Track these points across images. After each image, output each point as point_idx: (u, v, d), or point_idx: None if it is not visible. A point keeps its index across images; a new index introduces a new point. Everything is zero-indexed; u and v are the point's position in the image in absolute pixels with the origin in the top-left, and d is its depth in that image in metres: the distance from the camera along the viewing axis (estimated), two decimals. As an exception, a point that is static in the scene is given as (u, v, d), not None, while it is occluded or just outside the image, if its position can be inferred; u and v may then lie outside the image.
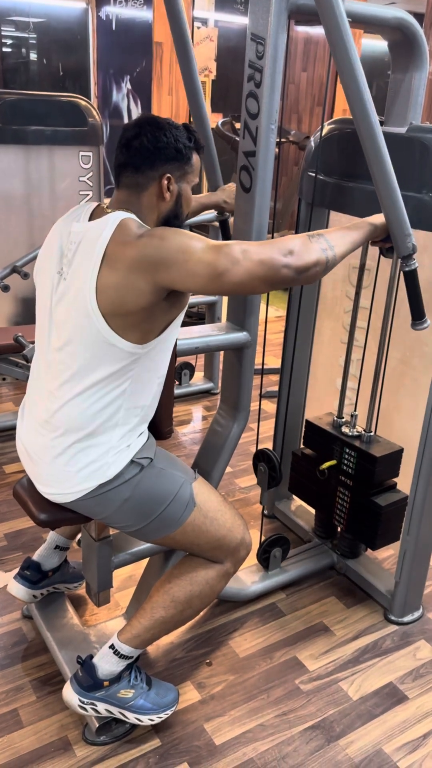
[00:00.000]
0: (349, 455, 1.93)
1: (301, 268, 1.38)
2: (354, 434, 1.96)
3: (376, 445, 1.91)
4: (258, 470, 2.16)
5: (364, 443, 1.92)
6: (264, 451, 2.13)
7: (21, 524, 2.40)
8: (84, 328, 1.37)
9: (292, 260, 1.36)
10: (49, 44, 5.14)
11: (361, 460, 1.90)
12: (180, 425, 3.23)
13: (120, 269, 1.33)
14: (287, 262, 1.36)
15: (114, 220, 1.38)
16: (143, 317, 1.36)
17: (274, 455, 2.11)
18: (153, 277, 1.32)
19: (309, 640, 1.96)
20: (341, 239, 1.47)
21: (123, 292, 1.33)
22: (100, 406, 1.42)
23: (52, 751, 1.60)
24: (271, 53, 1.53)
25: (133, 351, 1.39)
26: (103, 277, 1.34)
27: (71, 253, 1.41)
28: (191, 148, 1.47)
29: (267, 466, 2.13)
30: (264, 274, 1.35)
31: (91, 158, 3.61)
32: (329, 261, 1.42)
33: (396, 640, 1.98)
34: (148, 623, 1.57)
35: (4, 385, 3.46)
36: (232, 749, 1.62)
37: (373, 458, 1.86)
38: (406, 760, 1.62)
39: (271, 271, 1.35)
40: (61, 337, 1.42)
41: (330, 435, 1.99)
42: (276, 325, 4.31)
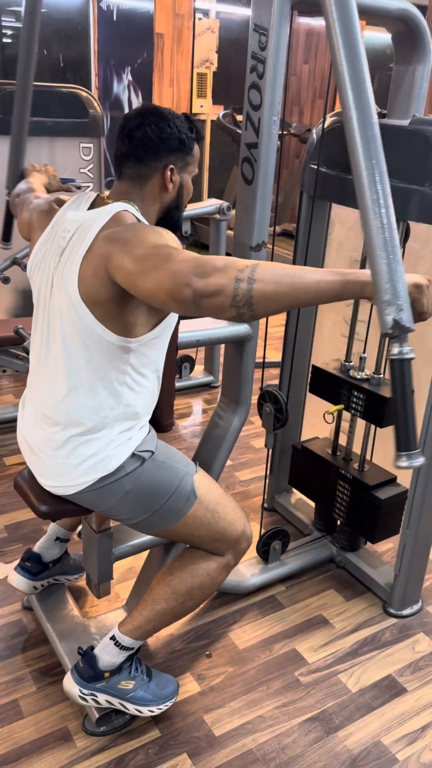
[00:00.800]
0: (357, 398, 1.90)
1: (200, 292, 1.14)
2: (362, 377, 1.93)
3: (384, 387, 1.89)
4: (263, 411, 2.06)
5: (372, 385, 1.90)
6: (270, 391, 2.04)
7: (21, 516, 2.40)
8: (73, 318, 1.36)
9: (196, 281, 1.13)
10: (49, 35, 5.11)
11: (369, 402, 1.87)
12: (180, 418, 3.23)
13: (94, 259, 1.32)
14: (191, 281, 1.14)
15: (109, 211, 1.37)
16: (118, 309, 1.34)
17: (281, 395, 2.01)
18: (106, 265, 1.29)
19: (308, 633, 1.96)
20: (280, 276, 1.14)
21: (94, 281, 1.32)
22: (100, 399, 1.41)
23: (52, 741, 1.60)
24: (274, 44, 1.52)
25: (123, 344, 1.37)
26: (84, 266, 1.33)
27: (65, 242, 1.41)
28: (193, 139, 1.46)
29: (273, 407, 2.03)
30: (168, 287, 1.16)
31: (92, 150, 3.60)
32: (238, 294, 1.13)
33: (395, 633, 1.99)
34: (149, 615, 1.57)
35: (4, 377, 3.46)
36: (231, 740, 1.63)
37: (382, 399, 1.84)
38: (404, 752, 1.63)
39: (175, 287, 1.15)
40: (56, 328, 1.41)
41: (338, 378, 1.95)
42: (277, 318, 4.31)
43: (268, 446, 2.10)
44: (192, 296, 1.14)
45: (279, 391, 2.04)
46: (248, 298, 1.14)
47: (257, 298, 1.14)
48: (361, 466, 2.04)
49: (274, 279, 1.14)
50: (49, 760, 1.56)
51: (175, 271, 1.16)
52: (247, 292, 1.13)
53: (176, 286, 1.15)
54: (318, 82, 6.50)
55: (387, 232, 1.11)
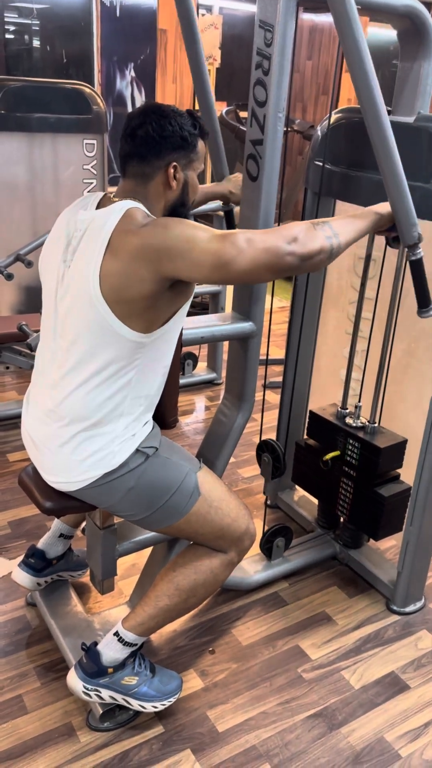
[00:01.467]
0: (352, 446, 1.93)
1: (305, 256, 1.36)
2: (358, 425, 1.96)
3: (379, 436, 1.91)
4: (262, 461, 2.17)
5: (367, 434, 1.92)
6: (268, 442, 2.13)
7: (25, 512, 2.40)
8: (89, 316, 1.36)
9: (296, 247, 1.34)
10: (52, 31, 5.09)
11: (364, 452, 1.90)
12: (183, 415, 3.23)
13: (123, 257, 1.33)
14: (291, 249, 1.34)
15: (120, 208, 1.38)
16: (146, 306, 1.36)
17: (278, 446, 2.11)
18: (156, 267, 1.32)
19: (311, 629, 1.97)
20: (346, 227, 1.45)
21: (125, 280, 1.33)
22: (106, 395, 1.42)
23: (56, 736, 1.61)
24: (279, 40, 1.52)
25: (138, 340, 1.38)
26: (106, 264, 1.34)
27: (76, 241, 1.41)
28: (196, 136, 1.46)
29: (271, 457, 2.13)
30: (268, 261, 1.34)
31: (95, 146, 3.59)
32: (333, 249, 1.41)
33: (398, 629, 1.99)
34: (153, 611, 1.57)
35: (8, 373, 3.46)
36: (234, 736, 1.64)
37: (377, 449, 1.86)
38: (407, 749, 1.63)
39: (276, 259, 1.34)
40: (66, 325, 1.42)
41: (334, 426, 1.99)
42: (280, 315, 4.31)
43: (267, 494, 2.19)
44: (297, 261, 1.36)
45: (276, 442, 2.12)
46: (338, 249, 1.43)
47: (343, 247, 1.44)
48: (365, 464, 2.04)
49: (346, 230, 1.45)
50: (53, 755, 1.56)
51: (267, 247, 1.33)
52: (338, 246, 1.42)
53: (276, 258, 1.34)
54: (321, 79, 6.48)
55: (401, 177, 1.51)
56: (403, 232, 1.58)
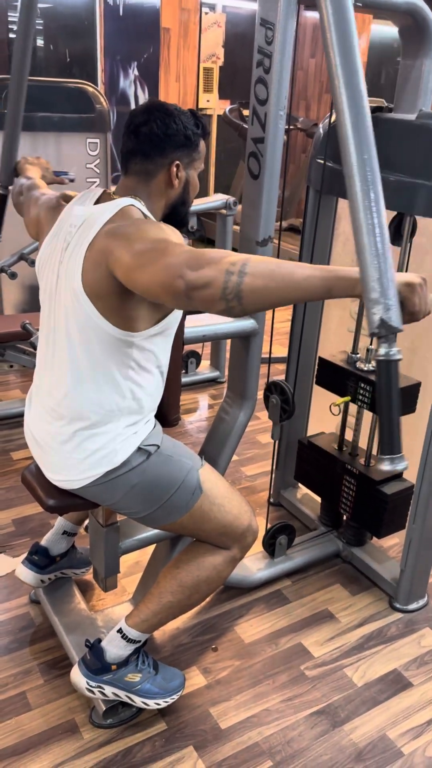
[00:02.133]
0: (364, 390, 1.88)
1: (191, 284, 1.14)
2: (369, 369, 1.92)
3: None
4: (269, 402, 2.05)
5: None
6: (276, 382, 2.04)
7: (29, 510, 2.41)
8: (77, 312, 1.37)
9: (189, 272, 1.14)
10: (56, 30, 5.10)
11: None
12: (186, 413, 3.24)
13: (96, 250, 1.32)
14: (183, 272, 1.15)
15: (116, 205, 1.37)
16: (120, 303, 1.34)
17: (287, 387, 2.01)
18: (107, 259, 1.30)
19: (314, 627, 1.97)
20: (270, 271, 1.14)
21: (96, 275, 1.32)
22: (104, 393, 1.42)
23: (60, 733, 1.62)
24: (280, 38, 1.52)
25: (124, 338, 1.37)
26: (86, 259, 1.34)
27: (71, 237, 1.41)
28: (199, 135, 1.46)
29: (280, 398, 2.02)
30: (162, 280, 1.17)
31: (99, 145, 3.60)
32: (228, 287, 1.13)
33: (401, 627, 1.99)
34: (156, 608, 1.58)
35: (12, 372, 3.47)
36: (237, 733, 1.64)
37: None
38: (409, 746, 1.63)
39: (168, 279, 1.16)
40: (61, 323, 1.42)
41: (344, 370, 1.93)
42: (283, 313, 4.30)
43: (275, 438, 2.10)
44: (184, 288, 1.15)
45: (285, 383, 2.04)
46: (237, 291, 1.14)
47: (246, 291, 1.13)
48: (367, 461, 2.04)
49: (264, 273, 1.14)
50: (56, 751, 1.57)
51: (169, 264, 1.16)
52: (236, 285, 1.13)
53: (169, 278, 1.16)
54: (325, 77, 6.47)
55: (378, 230, 1.10)
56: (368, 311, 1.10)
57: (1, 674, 1.76)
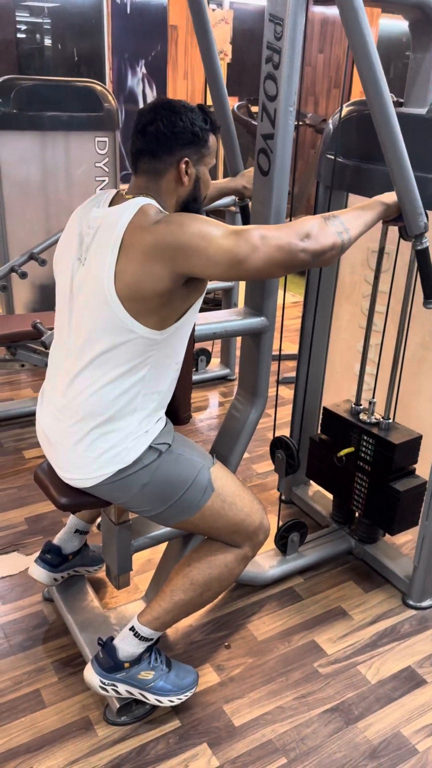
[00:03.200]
0: (367, 443, 1.92)
1: (317, 252, 1.40)
2: (372, 421, 1.95)
3: (394, 432, 1.90)
4: (275, 457, 2.16)
5: (382, 430, 1.91)
6: (281, 438, 2.13)
7: (41, 508, 2.42)
8: (103, 314, 1.37)
9: (309, 244, 1.38)
10: (63, 29, 5.11)
11: (379, 448, 1.89)
12: (197, 411, 3.24)
13: (137, 255, 1.33)
14: (304, 246, 1.38)
15: (134, 205, 1.38)
16: (161, 303, 1.36)
17: (292, 442, 2.11)
18: (171, 264, 1.32)
19: (327, 624, 1.97)
20: (355, 220, 1.48)
21: (140, 278, 1.33)
22: (119, 391, 1.42)
23: (74, 730, 1.62)
24: (289, 34, 1.51)
25: (152, 336, 1.39)
26: (121, 262, 1.34)
27: (90, 238, 1.42)
28: (207, 131, 1.45)
29: (285, 453, 2.13)
30: (282, 259, 1.37)
31: (107, 144, 3.60)
32: (344, 243, 1.44)
33: (414, 624, 1.98)
34: (168, 606, 1.58)
35: (23, 371, 3.48)
36: (251, 730, 1.64)
37: (391, 446, 1.85)
38: (424, 743, 1.63)
39: (289, 256, 1.37)
40: (80, 323, 1.43)
41: (348, 422, 1.99)
42: (293, 310, 4.29)
43: (281, 491, 2.18)
44: (310, 258, 1.39)
45: (290, 439, 2.11)
46: (349, 243, 1.46)
47: (353, 240, 1.47)
48: (379, 458, 2.04)
49: (355, 224, 1.47)
50: (71, 748, 1.58)
51: (280, 245, 1.36)
52: (349, 240, 1.45)
53: (290, 255, 1.37)
54: (333, 72, 6.44)
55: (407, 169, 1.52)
56: (409, 222, 1.60)
57: (16, 672, 1.77)
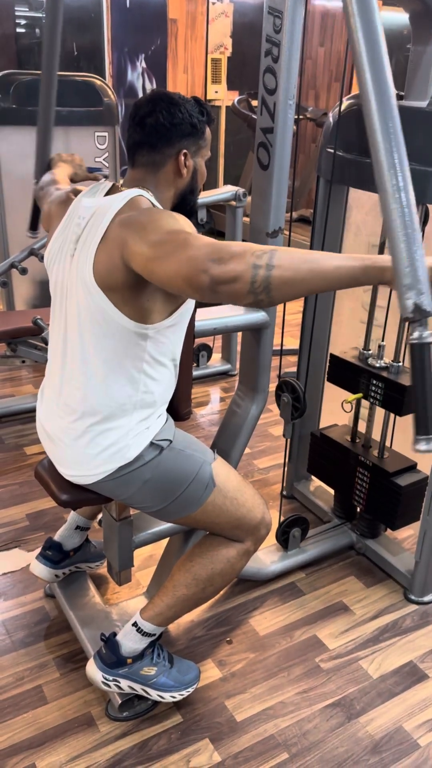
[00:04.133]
0: (376, 387, 1.87)
1: (216, 278, 1.13)
2: (381, 365, 1.91)
3: (404, 375, 1.87)
4: (281, 401, 2.06)
5: (392, 374, 1.87)
6: (287, 381, 2.04)
7: (42, 505, 2.42)
8: (90, 306, 1.36)
9: (214, 267, 1.13)
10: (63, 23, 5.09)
11: (389, 391, 1.84)
12: (198, 407, 3.24)
13: (109, 243, 1.32)
14: (208, 267, 1.13)
15: (124, 196, 1.37)
16: (134, 294, 1.33)
17: (299, 384, 2.01)
18: (121, 250, 1.29)
19: (329, 619, 1.97)
20: (298, 262, 1.13)
21: (108, 266, 1.32)
22: (117, 387, 1.42)
23: (76, 726, 1.63)
24: (288, 27, 1.50)
25: (139, 330, 1.37)
26: (99, 251, 1.33)
27: (80, 229, 1.41)
28: (204, 122, 1.45)
29: (291, 396, 2.03)
30: (186, 274, 1.16)
31: (107, 138, 3.59)
32: (256, 281, 1.12)
33: (416, 619, 1.98)
34: (170, 601, 1.58)
35: (24, 367, 3.48)
36: (253, 726, 1.64)
37: (401, 387, 1.81)
38: (426, 738, 1.63)
39: (192, 273, 1.15)
40: (72, 316, 1.42)
41: (356, 367, 1.92)
42: (294, 305, 4.28)
43: (287, 436, 2.10)
44: (209, 283, 1.13)
45: (296, 381, 2.03)
46: (266, 284, 1.13)
47: (275, 284, 1.13)
48: (381, 453, 2.03)
49: (292, 265, 1.12)
50: (73, 744, 1.58)
51: (191, 256, 1.15)
52: (265, 279, 1.12)
53: (193, 272, 1.14)
54: (334, 65, 6.42)
55: (407, 216, 1.09)
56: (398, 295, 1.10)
57: (18, 668, 1.77)
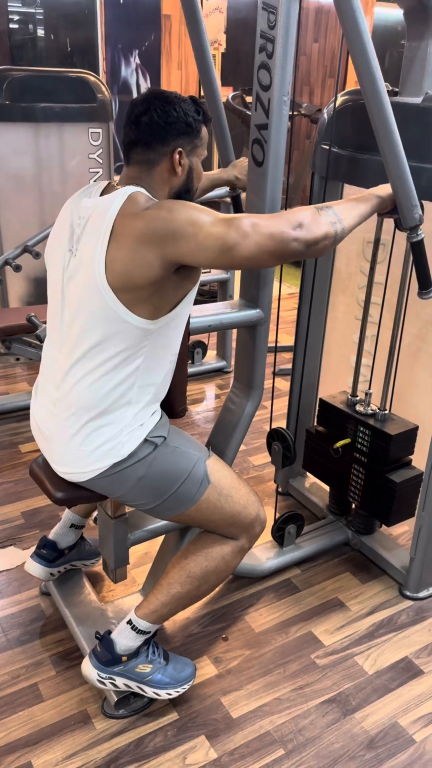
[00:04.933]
0: (363, 434, 1.92)
1: (310, 242, 1.38)
2: (368, 412, 1.95)
3: (390, 423, 1.90)
4: (272, 449, 2.16)
5: (378, 421, 1.91)
6: (278, 430, 2.13)
7: (37, 502, 2.42)
8: (95, 305, 1.36)
9: (302, 234, 1.37)
10: (56, 19, 5.06)
11: (375, 439, 1.89)
12: (193, 404, 3.23)
13: (128, 242, 1.32)
14: (296, 235, 1.36)
15: (123, 193, 1.37)
16: (153, 291, 1.35)
17: (288, 434, 2.10)
18: (161, 251, 1.31)
19: (324, 616, 1.97)
20: (349, 212, 1.47)
21: (131, 266, 1.32)
22: (113, 384, 1.42)
23: (72, 724, 1.62)
24: (283, 22, 1.49)
25: (145, 327, 1.38)
26: (112, 251, 1.33)
27: (80, 229, 1.41)
28: (200, 121, 1.45)
29: (281, 445, 2.12)
30: (274, 247, 1.36)
31: (101, 135, 3.58)
32: (338, 234, 1.43)
33: (411, 615, 1.99)
34: (165, 599, 1.58)
35: (18, 365, 3.47)
36: (249, 722, 1.64)
37: (387, 437, 1.85)
38: (421, 733, 1.63)
39: (281, 245, 1.36)
40: (72, 314, 1.42)
41: (344, 413, 1.98)
42: (289, 302, 4.28)
43: (278, 482, 2.17)
44: (302, 247, 1.38)
45: (286, 430, 2.10)
46: (342, 234, 1.45)
47: (347, 232, 1.46)
48: (376, 450, 2.03)
49: (349, 215, 1.46)
50: (69, 742, 1.58)
51: (272, 233, 1.34)
52: (342, 231, 1.44)
53: (282, 244, 1.35)
54: (328, 61, 6.40)
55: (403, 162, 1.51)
56: (404, 214, 1.59)
57: (13, 666, 1.77)
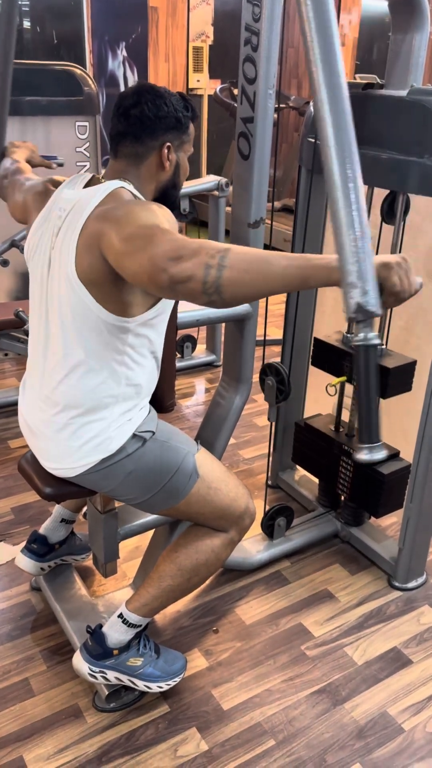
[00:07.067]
0: None
1: (174, 278, 1.13)
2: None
3: (388, 357, 1.88)
4: (265, 384, 2.06)
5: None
6: (271, 364, 2.05)
7: (27, 498, 2.42)
8: (71, 299, 1.36)
9: (172, 266, 1.13)
10: (42, 11, 5.02)
11: None
12: (183, 398, 3.23)
13: (89, 235, 1.31)
14: (166, 266, 1.14)
15: (105, 189, 1.36)
16: (115, 288, 1.33)
17: (282, 367, 2.02)
18: (99, 243, 1.29)
19: (314, 607, 1.98)
20: (249, 263, 1.13)
21: (89, 259, 1.31)
22: (97, 381, 1.41)
23: (64, 718, 1.63)
24: (267, 15, 1.49)
25: (120, 324, 1.37)
26: (79, 244, 1.32)
27: (60, 221, 1.40)
28: (189, 117, 1.45)
29: (275, 379, 2.03)
30: (148, 271, 1.16)
31: (88, 128, 3.56)
32: (208, 281, 1.12)
33: (400, 605, 2.00)
34: (156, 592, 1.59)
35: (6, 360, 3.46)
36: (239, 714, 1.66)
37: (385, 370, 1.83)
38: (410, 722, 1.65)
39: (153, 271, 1.15)
40: (53, 309, 1.41)
41: (340, 351, 1.93)
42: (278, 295, 4.28)
43: (272, 419, 2.11)
44: (168, 282, 1.14)
45: (280, 364, 2.03)
46: (217, 285, 1.12)
47: (225, 284, 1.12)
48: (364, 442, 2.04)
49: (243, 266, 1.12)
50: (60, 736, 1.59)
51: (153, 254, 1.15)
52: (216, 280, 1.12)
53: (154, 270, 1.14)
54: (316, 54, 6.38)
55: (355, 211, 1.07)
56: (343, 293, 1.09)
57: (4, 661, 1.77)
